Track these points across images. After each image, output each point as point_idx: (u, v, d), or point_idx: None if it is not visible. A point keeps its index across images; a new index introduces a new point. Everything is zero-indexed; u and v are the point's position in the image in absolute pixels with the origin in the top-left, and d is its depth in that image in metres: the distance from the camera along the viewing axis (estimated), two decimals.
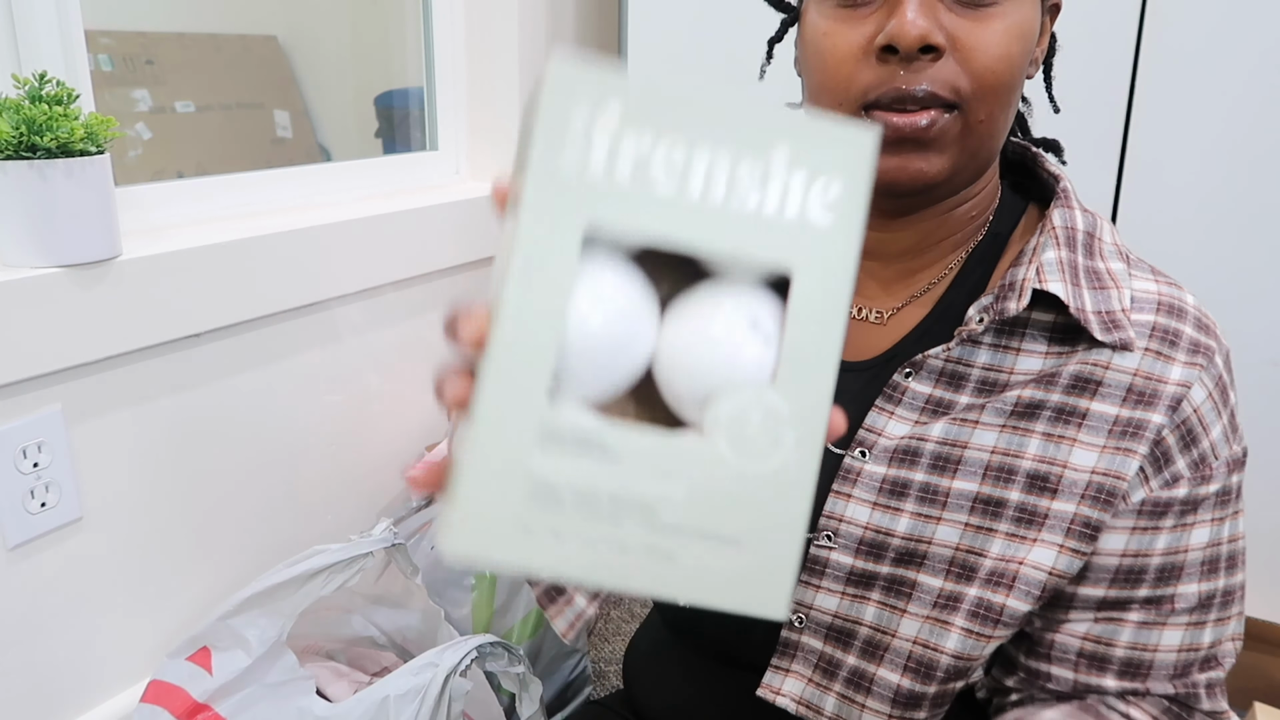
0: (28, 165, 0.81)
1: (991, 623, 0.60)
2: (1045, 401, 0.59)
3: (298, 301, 1.11)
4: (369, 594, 1.07)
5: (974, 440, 0.60)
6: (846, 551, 0.63)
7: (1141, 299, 0.61)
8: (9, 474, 0.86)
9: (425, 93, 1.49)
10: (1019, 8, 0.58)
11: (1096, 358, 0.59)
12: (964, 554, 0.60)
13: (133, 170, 1.59)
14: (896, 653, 0.62)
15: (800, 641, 0.66)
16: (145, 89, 1.61)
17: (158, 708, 0.92)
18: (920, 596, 0.61)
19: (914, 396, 0.62)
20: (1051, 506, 0.59)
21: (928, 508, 0.61)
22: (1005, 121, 0.60)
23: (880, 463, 0.62)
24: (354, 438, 1.25)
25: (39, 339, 0.84)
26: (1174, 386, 0.58)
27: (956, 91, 0.57)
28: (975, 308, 0.61)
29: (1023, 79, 0.60)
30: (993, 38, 0.57)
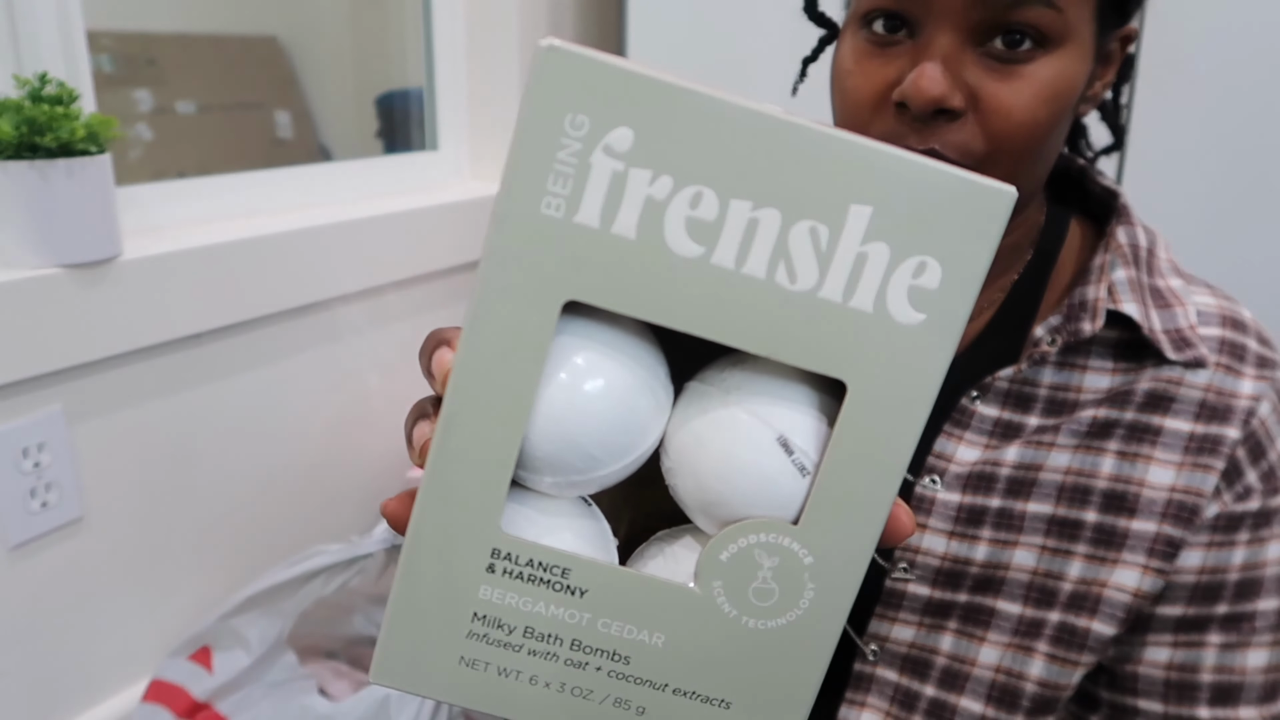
0: (28, 165, 0.81)
1: (1077, 648, 0.59)
2: (1119, 420, 0.58)
3: (298, 301, 1.11)
4: (370, 593, 1.07)
5: (1049, 462, 0.59)
6: (924, 583, 0.61)
7: (1205, 313, 0.60)
8: (9, 474, 0.86)
9: (425, 93, 1.49)
10: (1060, 62, 0.53)
11: (1169, 374, 0.58)
12: (1042, 578, 0.59)
13: (134, 170, 1.59)
14: (978, 681, 0.61)
15: (875, 674, 0.64)
16: (146, 89, 1.61)
17: (158, 706, 0.92)
18: (999, 624, 0.60)
19: (982, 420, 0.61)
20: (1131, 526, 0.58)
21: (1004, 533, 0.59)
22: (1032, 172, 0.57)
23: (954, 490, 0.60)
24: (354, 438, 1.25)
25: (39, 339, 0.84)
26: (1246, 400, 0.57)
27: (968, 153, 0.54)
28: (1044, 328, 0.60)
29: (1054, 136, 0.56)
30: (1018, 100, 0.52)
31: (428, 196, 1.36)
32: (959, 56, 0.52)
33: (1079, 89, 0.55)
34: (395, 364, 1.31)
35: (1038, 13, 0.51)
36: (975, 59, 0.53)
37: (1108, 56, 0.59)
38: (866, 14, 0.55)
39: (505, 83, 1.46)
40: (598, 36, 1.65)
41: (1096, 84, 0.59)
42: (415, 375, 1.35)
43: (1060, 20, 0.52)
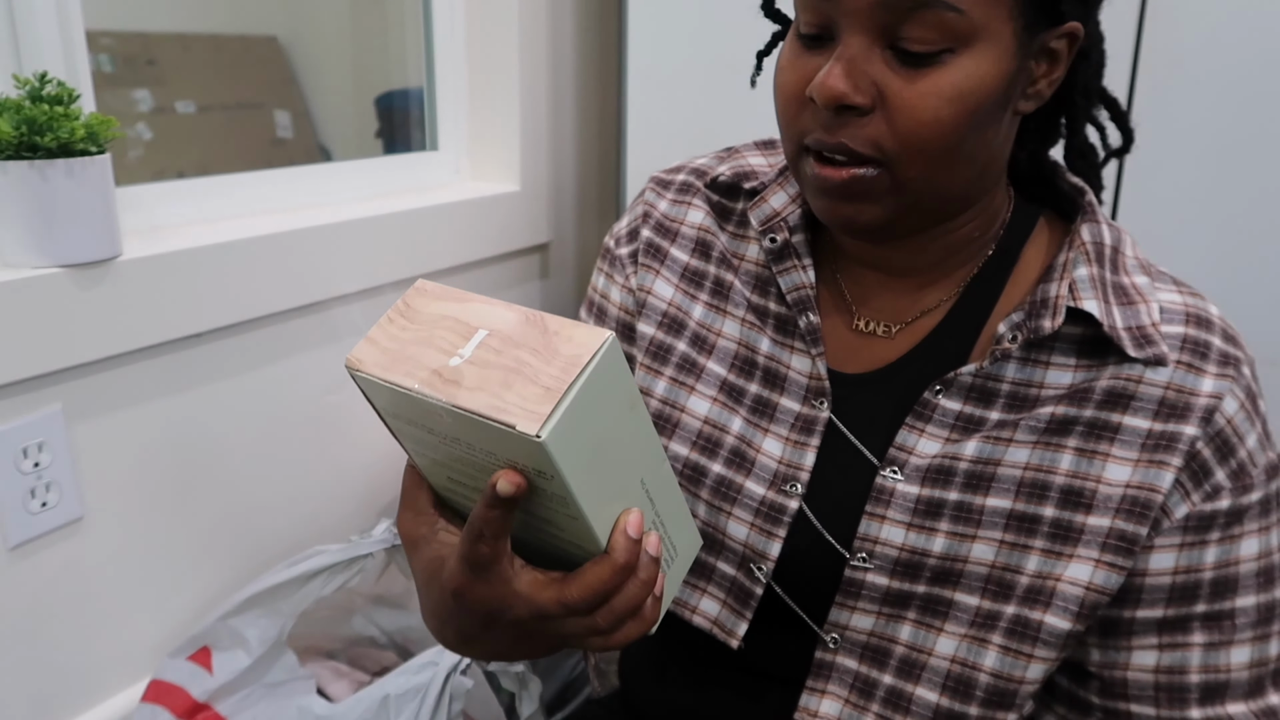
0: (28, 165, 0.81)
1: (1030, 640, 0.60)
2: (1078, 417, 0.59)
3: (298, 301, 1.11)
4: (370, 594, 1.07)
5: (1007, 457, 0.60)
6: (882, 573, 0.62)
7: (1170, 310, 0.60)
8: (9, 474, 0.86)
9: (425, 93, 1.49)
10: (969, 62, 0.54)
11: (1129, 372, 0.59)
12: (1000, 571, 0.60)
13: (133, 170, 1.59)
14: (934, 671, 0.62)
15: (835, 662, 0.65)
16: (146, 89, 1.61)
17: (158, 707, 0.92)
18: (957, 615, 0.61)
19: (944, 414, 0.62)
20: (1087, 521, 0.59)
21: (962, 526, 0.61)
22: (949, 174, 0.58)
23: (913, 483, 0.62)
24: (354, 437, 1.25)
25: (39, 339, 0.84)
26: (1205, 399, 0.58)
27: (879, 149, 0.56)
28: (1006, 324, 0.60)
29: (975, 134, 0.56)
30: (921, 100, 0.54)
31: (427, 196, 1.36)
32: (868, 57, 0.55)
33: (996, 87, 0.55)
34: None
35: (937, 15, 0.53)
36: (885, 59, 0.55)
37: (1050, 54, 0.58)
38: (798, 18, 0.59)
39: (505, 83, 1.46)
40: (598, 36, 1.65)
41: (1040, 82, 0.59)
42: None
43: (964, 21, 0.53)
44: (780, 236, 0.69)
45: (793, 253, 0.69)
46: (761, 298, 0.71)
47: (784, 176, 0.72)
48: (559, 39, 1.54)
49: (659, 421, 0.71)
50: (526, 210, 1.50)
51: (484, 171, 1.52)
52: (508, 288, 1.52)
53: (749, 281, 0.71)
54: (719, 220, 0.74)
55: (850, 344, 0.68)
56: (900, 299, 0.67)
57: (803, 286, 0.68)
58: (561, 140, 1.60)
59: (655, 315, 0.74)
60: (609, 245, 0.79)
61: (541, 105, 1.50)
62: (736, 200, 0.74)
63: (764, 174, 0.73)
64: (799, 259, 0.69)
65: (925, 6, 0.53)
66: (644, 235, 0.76)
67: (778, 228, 0.69)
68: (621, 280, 0.77)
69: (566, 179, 1.64)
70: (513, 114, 1.46)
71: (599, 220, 1.76)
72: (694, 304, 0.73)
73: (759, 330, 0.70)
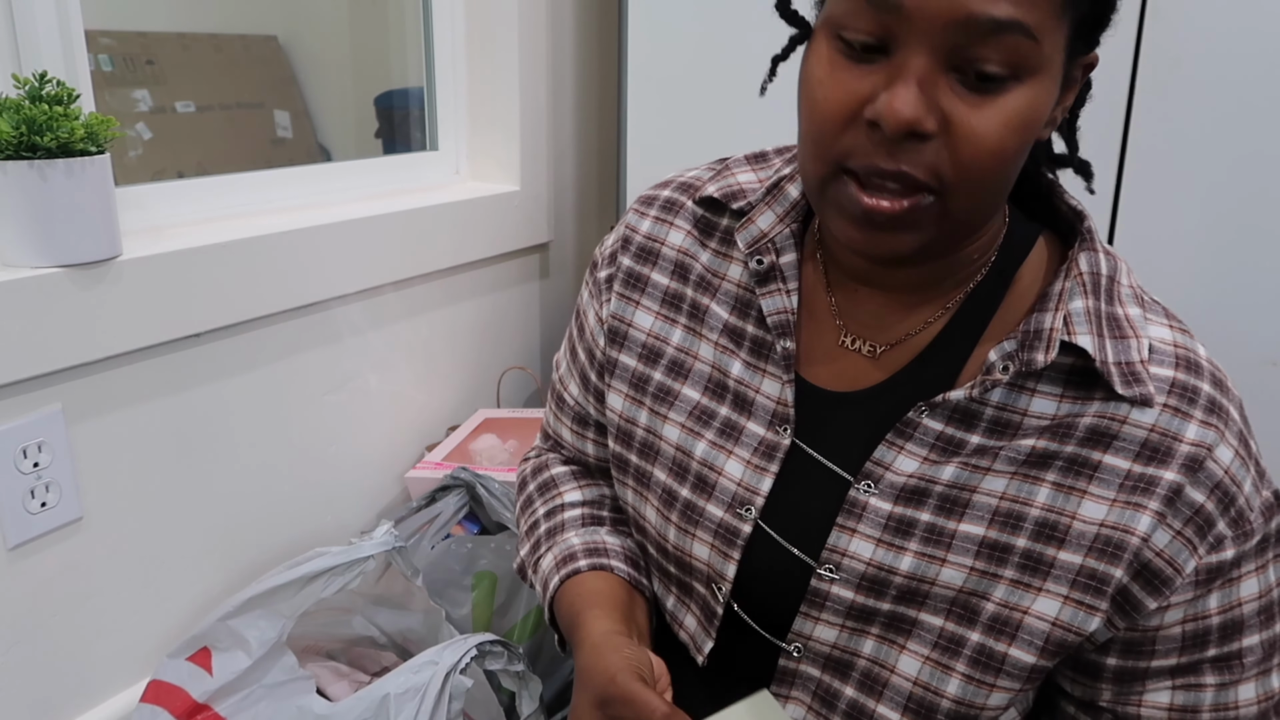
0: (28, 165, 0.81)
1: (994, 671, 0.60)
2: (1059, 452, 0.59)
3: (298, 301, 1.11)
4: (370, 594, 1.07)
5: (983, 485, 0.60)
6: (848, 586, 0.62)
7: (1160, 350, 0.59)
8: (9, 474, 0.86)
9: (425, 93, 1.49)
10: (1031, 92, 0.53)
11: (1114, 411, 0.58)
12: (967, 596, 0.60)
13: (133, 170, 1.59)
14: (896, 690, 0.62)
15: (799, 670, 0.66)
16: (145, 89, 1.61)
17: (157, 708, 0.92)
18: (920, 635, 0.61)
19: (925, 432, 0.61)
20: (1058, 556, 0.58)
21: (932, 548, 0.60)
22: (991, 204, 0.58)
23: (887, 499, 0.61)
24: (354, 438, 1.25)
25: (39, 339, 0.84)
26: (1188, 445, 0.57)
27: (938, 177, 0.53)
28: (998, 353, 0.59)
29: (1019, 162, 0.56)
30: (989, 127, 0.52)
31: (427, 196, 1.36)
32: (933, 80, 0.52)
33: (1046, 116, 0.55)
34: (395, 364, 1.31)
35: (1016, 41, 0.51)
36: (950, 84, 0.52)
37: (1070, 82, 0.59)
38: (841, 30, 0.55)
39: (505, 83, 1.46)
40: (598, 36, 1.65)
41: (1058, 108, 0.59)
42: (414, 374, 1.35)
43: (1037, 51, 0.52)
44: (767, 259, 0.68)
45: (778, 276, 0.68)
46: (740, 319, 0.70)
47: (771, 195, 0.70)
48: (559, 39, 1.54)
49: (645, 449, 0.72)
50: (526, 210, 1.50)
51: (484, 171, 1.52)
52: (508, 288, 1.52)
53: (728, 303, 0.71)
54: (701, 238, 0.73)
55: (835, 361, 0.67)
56: (890, 315, 0.66)
57: (784, 311, 0.67)
58: (561, 140, 1.60)
59: (635, 347, 0.74)
60: (595, 260, 0.80)
61: (541, 105, 1.50)
62: (722, 216, 0.72)
63: (752, 192, 0.71)
64: (784, 283, 0.68)
65: (1005, 30, 0.50)
66: (624, 264, 0.75)
67: (765, 249, 0.68)
68: (596, 306, 0.78)
69: (566, 179, 1.63)
70: (513, 114, 1.46)
71: (599, 220, 1.76)
72: (673, 329, 0.73)
73: (732, 354, 0.70)
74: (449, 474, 1.23)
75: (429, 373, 1.38)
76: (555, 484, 0.83)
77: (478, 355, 1.48)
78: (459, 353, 1.43)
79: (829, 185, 0.57)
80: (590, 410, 0.81)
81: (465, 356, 1.45)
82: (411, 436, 1.35)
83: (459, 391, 1.44)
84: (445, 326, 1.39)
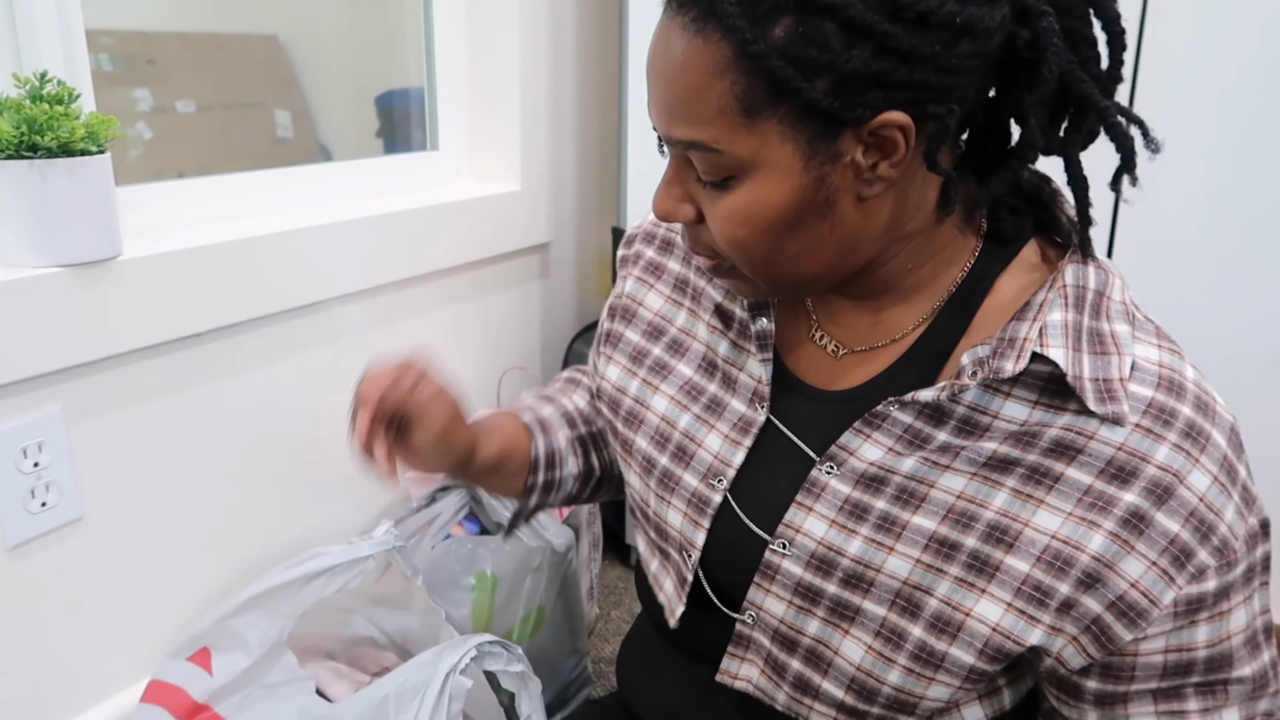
0: (28, 165, 0.81)
1: (933, 667, 0.61)
2: (1021, 460, 0.58)
3: (298, 301, 1.11)
4: (370, 595, 1.07)
5: (941, 481, 0.60)
6: (798, 562, 0.64)
7: (1143, 369, 0.58)
8: (9, 474, 0.86)
9: (426, 93, 1.49)
10: (752, 187, 0.56)
11: (1083, 425, 0.57)
12: (910, 589, 0.60)
13: (133, 170, 1.59)
14: (840, 671, 0.64)
15: (752, 637, 0.68)
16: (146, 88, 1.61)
17: (157, 708, 0.92)
18: (864, 623, 0.62)
19: (894, 424, 0.62)
20: (1004, 560, 0.58)
21: (882, 536, 0.61)
22: (784, 268, 0.60)
23: (846, 482, 0.63)
24: None
25: (39, 339, 0.84)
26: (1155, 468, 0.56)
27: (716, 252, 0.61)
28: (970, 357, 0.59)
29: (786, 241, 0.58)
30: (718, 222, 0.59)
31: (428, 196, 1.36)
32: (685, 176, 0.61)
33: (788, 204, 0.56)
34: None
35: (700, 157, 0.57)
36: (695, 178, 0.60)
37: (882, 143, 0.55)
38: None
39: (505, 83, 1.46)
40: (598, 36, 1.65)
41: (880, 166, 0.56)
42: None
43: (728, 158, 0.56)
44: None
45: None
46: (730, 302, 0.73)
47: None
48: (559, 39, 1.54)
49: (631, 417, 0.76)
50: (526, 210, 1.50)
51: (484, 171, 1.52)
52: (508, 288, 1.52)
53: (721, 286, 0.74)
54: None
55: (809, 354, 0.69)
56: (860, 320, 0.67)
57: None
58: (561, 140, 1.60)
59: (641, 324, 0.79)
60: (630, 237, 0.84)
61: (541, 105, 1.50)
62: None
63: None
64: None
65: (692, 147, 0.57)
66: (646, 253, 0.81)
67: None
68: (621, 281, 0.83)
69: (566, 179, 1.63)
70: (513, 114, 1.46)
71: (599, 220, 1.76)
72: (678, 311, 0.77)
73: (720, 334, 0.73)
74: None
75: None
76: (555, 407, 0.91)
77: (478, 355, 1.48)
78: (459, 353, 1.43)
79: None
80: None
81: (465, 356, 1.45)
82: None
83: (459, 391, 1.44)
84: (445, 326, 1.39)
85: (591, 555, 1.46)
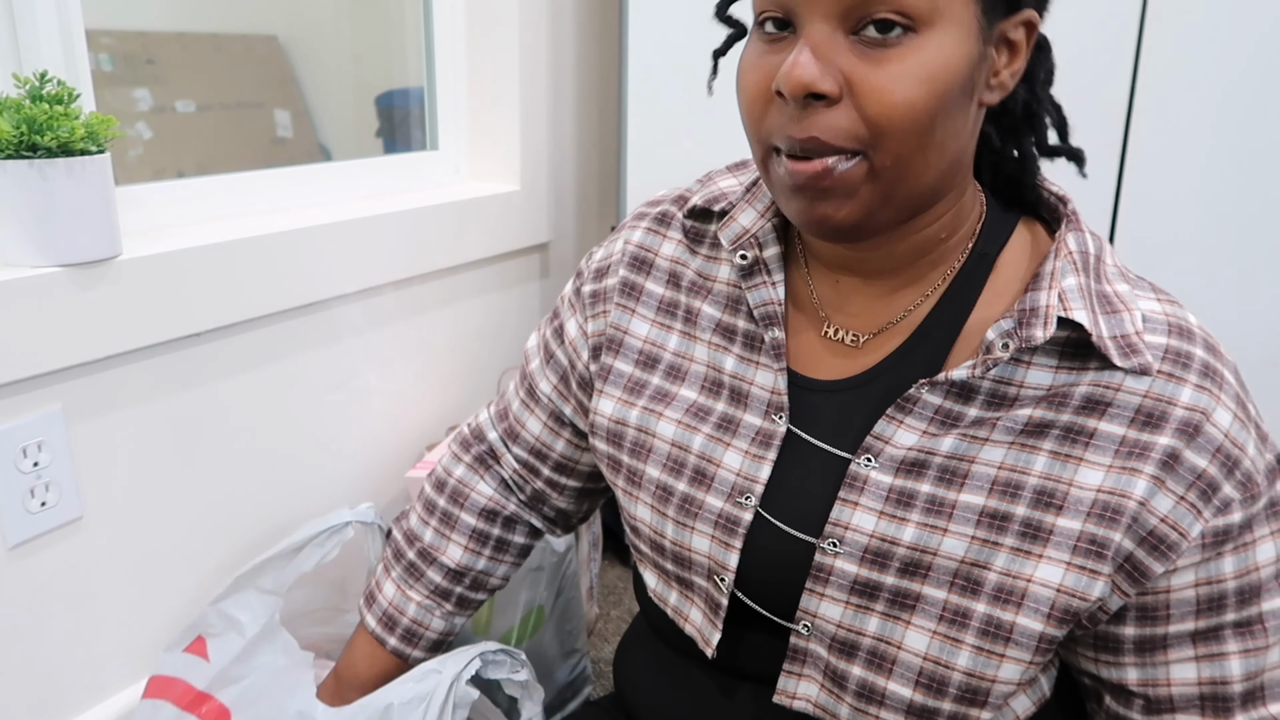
0: (28, 164, 0.81)
1: (1003, 641, 0.60)
2: (1055, 421, 0.60)
3: (298, 301, 1.11)
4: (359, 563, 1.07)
5: (982, 455, 0.61)
6: (851, 560, 0.63)
7: (1152, 319, 0.61)
8: (9, 474, 0.86)
9: (426, 93, 1.49)
10: (932, 43, 0.54)
11: (1109, 379, 0.59)
12: (969, 567, 0.60)
13: (133, 170, 1.59)
14: (906, 666, 0.62)
15: (809, 649, 0.66)
16: (146, 88, 1.61)
17: (160, 701, 0.91)
18: (925, 609, 0.61)
19: (925, 406, 0.62)
20: (1057, 522, 0.59)
21: (934, 519, 0.61)
22: (928, 160, 0.57)
23: (887, 472, 0.62)
24: (354, 438, 1.25)
25: (39, 339, 0.84)
26: (1182, 410, 0.58)
27: (855, 138, 0.55)
28: (996, 332, 0.60)
29: (944, 119, 0.56)
30: (890, 83, 0.54)
31: (428, 196, 1.36)
32: (832, 45, 0.55)
33: (962, 69, 0.55)
34: (394, 363, 1.31)
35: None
36: (849, 47, 0.55)
37: (1010, 44, 0.59)
38: (759, 16, 0.58)
39: (505, 83, 1.46)
40: (598, 36, 1.65)
41: (1002, 72, 0.59)
42: (414, 374, 1.35)
43: (925, 2, 0.53)
44: (751, 253, 0.70)
45: (763, 269, 0.70)
46: (731, 316, 0.72)
47: (751, 193, 0.72)
48: (559, 39, 1.54)
49: (638, 448, 0.74)
50: (526, 210, 1.50)
51: (484, 171, 1.52)
52: (508, 288, 1.52)
53: (720, 302, 0.73)
54: (691, 247, 0.76)
55: (821, 353, 0.69)
56: (873, 303, 0.67)
57: (770, 303, 0.69)
58: (561, 140, 1.60)
59: (632, 353, 0.76)
60: (580, 271, 0.82)
61: (541, 105, 1.50)
62: (710, 223, 0.75)
63: (733, 194, 0.73)
64: (769, 275, 0.70)
65: None
66: (621, 275, 0.78)
67: (748, 244, 0.70)
68: (577, 319, 0.81)
69: (566, 179, 1.64)
70: (513, 114, 1.46)
71: (599, 220, 1.76)
72: (669, 335, 0.75)
73: (724, 350, 0.72)
74: None
75: (429, 373, 1.38)
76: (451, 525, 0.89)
77: (478, 355, 1.48)
78: (459, 353, 1.43)
79: (768, 166, 0.60)
80: (567, 412, 0.83)
81: (465, 356, 1.45)
82: (411, 436, 1.35)
83: (459, 391, 1.44)
84: (445, 326, 1.39)
85: (591, 555, 1.46)
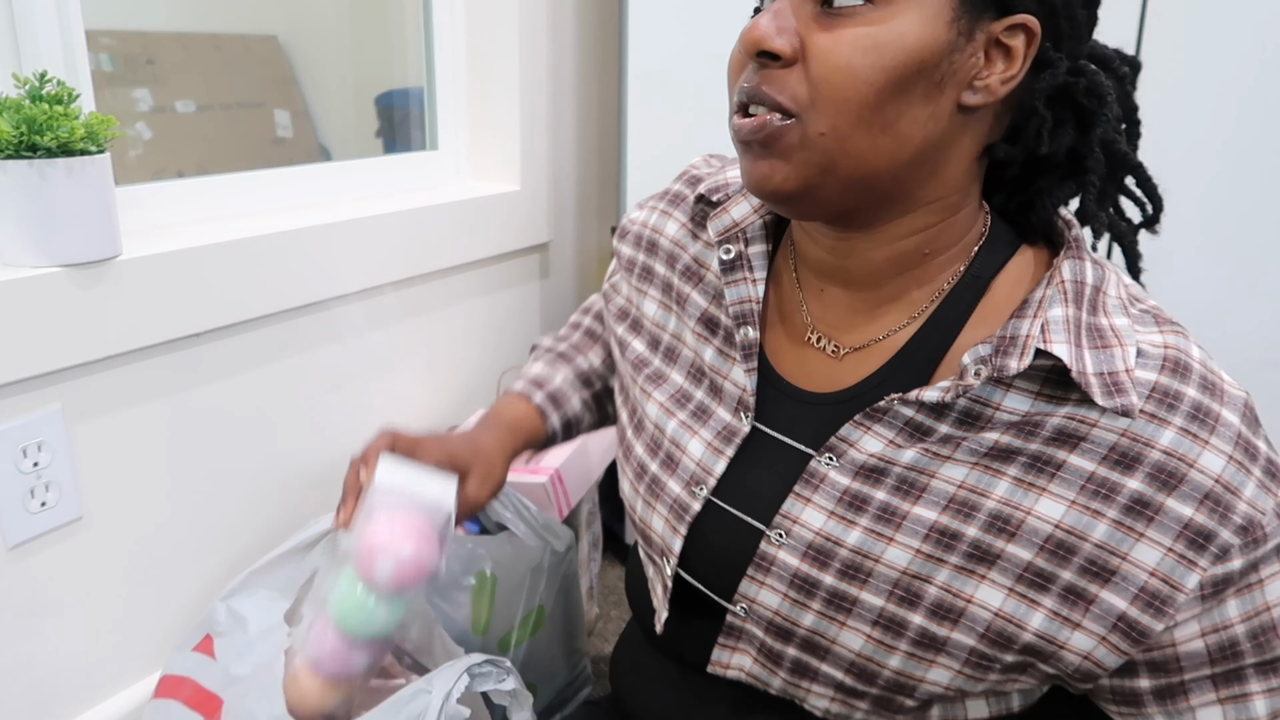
0: (28, 165, 0.81)
1: (935, 650, 0.61)
2: (1023, 449, 0.58)
3: (298, 301, 1.11)
4: None
5: (943, 471, 0.60)
6: (794, 553, 0.63)
7: (1147, 353, 0.57)
8: (9, 474, 0.86)
9: (425, 92, 1.49)
10: (889, 18, 0.54)
11: (1085, 414, 0.57)
12: (910, 579, 0.60)
13: (133, 170, 1.59)
14: (838, 658, 0.64)
15: (744, 628, 0.68)
16: (146, 89, 1.61)
17: (171, 701, 0.91)
18: (861, 614, 0.62)
19: (895, 417, 0.61)
20: (1006, 549, 0.58)
21: (882, 526, 0.61)
22: (874, 141, 0.56)
23: (845, 474, 0.62)
24: (353, 438, 1.25)
25: (39, 339, 0.84)
26: (1160, 453, 0.55)
27: (794, 99, 0.56)
28: (971, 356, 0.58)
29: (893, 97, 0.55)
30: (834, 45, 0.55)
31: (428, 196, 1.36)
32: (800, 11, 0.57)
33: (920, 54, 0.55)
34: (394, 363, 1.31)
35: None
36: (814, 14, 0.57)
37: (1005, 50, 0.57)
38: None
39: (505, 83, 1.46)
40: (598, 36, 1.65)
41: (990, 76, 0.57)
42: (414, 374, 1.35)
43: None
44: (735, 248, 0.70)
45: (745, 265, 0.69)
46: (716, 308, 0.72)
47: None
48: (559, 39, 1.54)
49: (632, 419, 0.77)
50: (526, 210, 1.50)
51: (484, 171, 1.52)
52: (507, 288, 1.52)
53: (708, 292, 0.73)
54: (694, 230, 0.77)
55: (802, 357, 0.68)
56: (855, 317, 0.66)
57: (747, 300, 0.69)
58: (561, 140, 1.60)
59: (644, 334, 0.79)
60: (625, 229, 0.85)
61: (541, 105, 1.50)
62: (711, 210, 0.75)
63: (735, 185, 0.73)
64: (750, 272, 0.69)
65: None
66: (635, 256, 0.81)
67: (734, 238, 0.70)
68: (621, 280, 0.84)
69: (566, 179, 1.64)
70: (513, 114, 1.46)
71: (599, 220, 1.76)
72: (669, 316, 0.77)
73: (706, 341, 0.72)
74: None
75: (429, 373, 1.38)
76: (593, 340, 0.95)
77: (478, 355, 1.48)
78: (459, 353, 1.43)
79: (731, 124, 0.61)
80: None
81: (465, 356, 1.45)
82: None
83: (459, 391, 1.44)
84: (445, 326, 1.39)
85: (591, 555, 1.46)
